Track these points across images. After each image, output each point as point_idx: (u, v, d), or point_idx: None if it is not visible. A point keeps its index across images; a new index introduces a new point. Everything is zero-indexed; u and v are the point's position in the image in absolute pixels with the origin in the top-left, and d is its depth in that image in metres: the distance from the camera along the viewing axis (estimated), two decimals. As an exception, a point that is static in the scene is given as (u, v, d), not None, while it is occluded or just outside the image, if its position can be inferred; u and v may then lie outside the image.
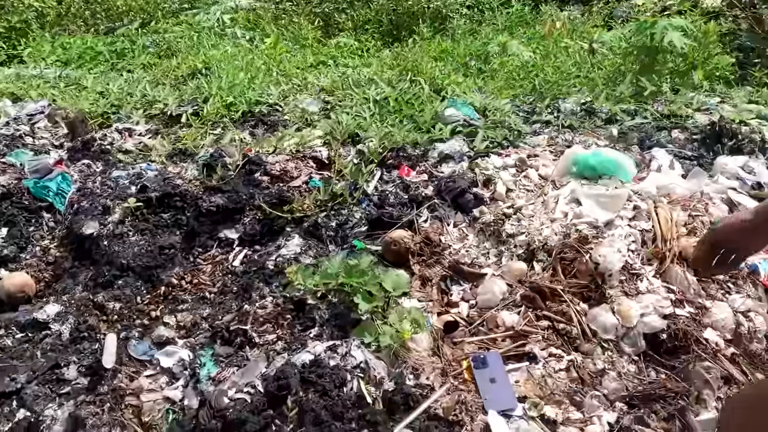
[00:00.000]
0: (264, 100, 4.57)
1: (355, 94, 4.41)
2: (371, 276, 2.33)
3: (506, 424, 1.93)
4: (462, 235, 2.69)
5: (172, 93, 4.83)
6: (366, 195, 2.95)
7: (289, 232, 2.86)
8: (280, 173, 3.25)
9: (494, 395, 2.01)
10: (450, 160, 3.07)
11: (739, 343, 2.21)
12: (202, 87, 4.75)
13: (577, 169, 2.69)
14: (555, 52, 5.23)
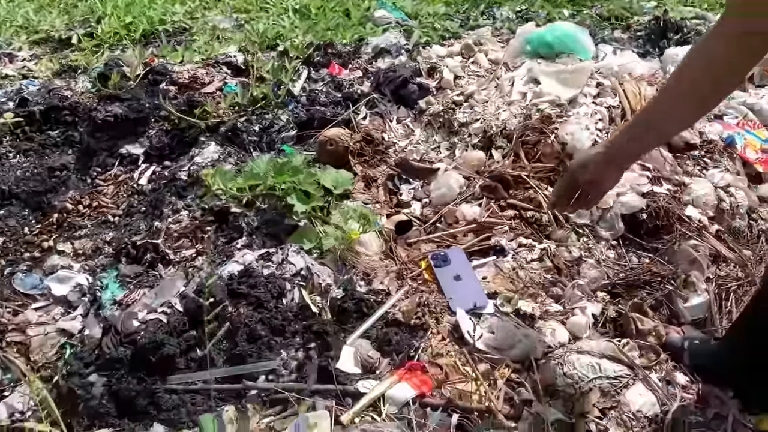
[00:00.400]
0: (167, 19, 4.04)
1: (271, 6, 3.95)
2: (306, 174, 1.96)
3: (477, 323, 1.63)
4: (408, 130, 2.35)
5: (60, 16, 4.21)
6: (292, 96, 2.55)
7: (204, 141, 2.44)
8: (189, 81, 2.79)
9: (460, 293, 1.70)
10: (386, 54, 2.71)
11: (722, 220, 1.99)
12: (95, 7, 4.16)
13: (531, 47, 2.38)
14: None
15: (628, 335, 1.66)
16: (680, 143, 2.14)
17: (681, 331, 1.72)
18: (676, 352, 1.57)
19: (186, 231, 2.02)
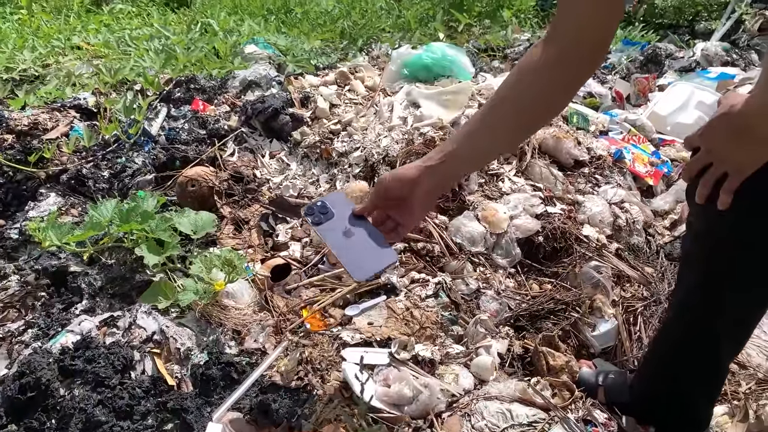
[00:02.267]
0: (15, 67, 3.62)
1: (133, 49, 3.64)
2: (160, 220, 1.67)
3: (370, 377, 1.39)
4: (282, 165, 2.11)
5: None
6: (149, 137, 2.25)
7: (44, 192, 2.08)
8: (28, 128, 2.42)
9: (357, 255, 1.12)
10: (256, 87, 2.47)
11: (619, 238, 1.89)
12: (-73, 54, 3.67)
13: (409, 71, 2.24)
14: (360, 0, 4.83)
15: (539, 373, 1.48)
16: (569, 161, 2.04)
17: (593, 365, 1.57)
18: (591, 389, 1.40)
19: (14, 300, 1.66)
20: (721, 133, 1.00)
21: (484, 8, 4.67)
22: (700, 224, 1.13)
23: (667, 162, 2.15)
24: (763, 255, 1.05)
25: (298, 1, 4.66)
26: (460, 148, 1.05)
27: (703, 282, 1.13)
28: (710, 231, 1.09)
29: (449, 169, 1.07)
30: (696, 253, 1.16)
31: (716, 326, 1.15)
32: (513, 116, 1.03)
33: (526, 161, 1.94)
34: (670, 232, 1.97)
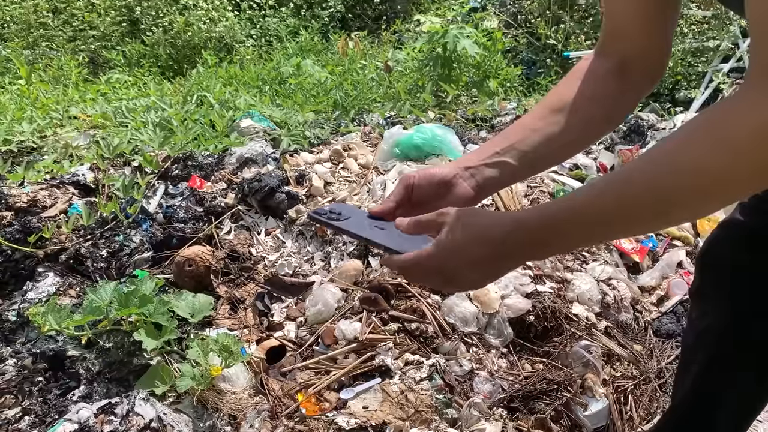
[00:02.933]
0: (13, 139, 3.68)
1: (130, 120, 3.73)
2: (158, 303, 1.70)
3: (367, 463, 1.40)
4: (278, 242, 2.16)
5: None
6: (147, 215, 2.30)
7: (42, 272, 2.11)
8: (27, 205, 2.47)
9: (392, 236, 0.90)
10: (253, 164, 2.54)
11: (608, 315, 1.93)
12: (-76, 128, 3.73)
13: (400, 150, 2.32)
14: (352, 71, 4.99)
15: (533, 456, 1.50)
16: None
17: (585, 446, 1.59)
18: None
19: (11, 385, 1.66)
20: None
21: (472, 78, 4.83)
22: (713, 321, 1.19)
23: (652, 237, 2.22)
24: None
25: (291, 73, 4.80)
26: (511, 153, 0.96)
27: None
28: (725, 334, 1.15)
29: (494, 174, 0.96)
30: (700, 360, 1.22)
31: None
32: (578, 124, 0.97)
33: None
34: (657, 309, 2.01)
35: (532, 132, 0.97)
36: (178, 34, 5.78)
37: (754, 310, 1.14)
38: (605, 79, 0.99)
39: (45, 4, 6.60)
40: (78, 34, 6.40)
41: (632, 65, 0.98)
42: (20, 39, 6.49)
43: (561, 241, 0.77)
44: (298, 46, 6.00)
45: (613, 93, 1.00)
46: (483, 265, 0.80)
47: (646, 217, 0.71)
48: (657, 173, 0.68)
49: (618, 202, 0.71)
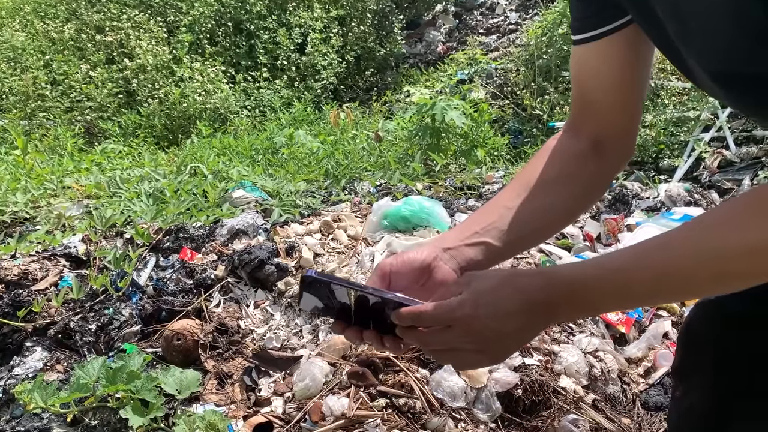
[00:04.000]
0: (7, 210, 3.72)
1: (124, 191, 3.78)
2: (145, 379, 1.69)
3: None
4: (266, 315, 2.17)
5: None
6: (137, 287, 2.32)
7: (30, 346, 2.10)
8: (18, 277, 2.48)
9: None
10: (243, 235, 2.58)
11: (596, 388, 1.93)
12: None
13: (389, 222, 2.36)
14: (343, 141, 5.11)
15: None
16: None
17: None
18: None
19: (-8, 465, 1.64)
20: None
21: (460, 148, 4.95)
22: (695, 401, 1.18)
23: (638, 308, 2.25)
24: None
25: (284, 143, 4.91)
26: (492, 233, 0.96)
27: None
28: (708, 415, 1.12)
29: (475, 255, 0.95)
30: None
31: None
32: (551, 207, 1.00)
33: (502, 312, 2.02)
34: (645, 380, 2.02)
35: (508, 210, 0.99)
36: (174, 105, 5.94)
37: (734, 390, 1.15)
38: (580, 158, 1.03)
39: (44, 77, 6.78)
40: (75, 105, 6.55)
41: (606, 143, 1.02)
42: (18, 110, 6.63)
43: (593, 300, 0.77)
44: (291, 116, 6.16)
45: (590, 173, 1.04)
46: (512, 318, 0.77)
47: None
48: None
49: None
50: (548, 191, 1.02)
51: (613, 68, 0.97)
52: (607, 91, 1.00)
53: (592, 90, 1.03)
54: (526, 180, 1.04)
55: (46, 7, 8.20)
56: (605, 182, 1.10)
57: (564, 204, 1.04)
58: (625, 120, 1.03)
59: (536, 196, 1.01)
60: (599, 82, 1.00)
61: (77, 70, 6.54)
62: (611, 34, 0.94)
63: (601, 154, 1.03)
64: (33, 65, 6.92)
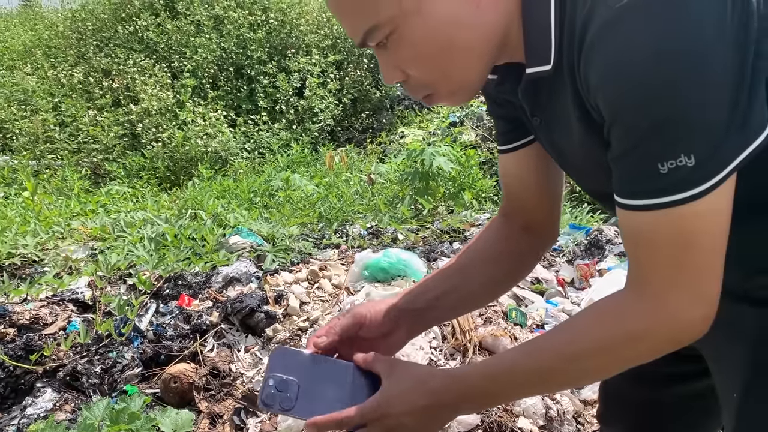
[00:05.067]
0: (17, 252, 3.95)
1: (127, 235, 4.01)
2: (145, 420, 1.90)
3: None
4: (256, 359, 2.38)
5: None
6: (139, 332, 2.53)
7: (40, 387, 2.31)
8: (30, 322, 2.70)
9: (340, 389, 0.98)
10: (237, 282, 2.80)
11: (552, 428, 2.13)
12: (-68, 243, 4.00)
13: (369, 272, 2.59)
14: (337, 184, 5.36)
15: None
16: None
17: None
18: None
19: (6, 497, 1.84)
20: None
21: (448, 190, 5.19)
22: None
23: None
24: None
25: (280, 186, 5.16)
26: (439, 299, 1.16)
27: None
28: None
29: (433, 315, 1.17)
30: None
31: None
32: (488, 279, 1.21)
33: (468, 357, 2.23)
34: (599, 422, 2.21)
35: (446, 282, 1.19)
36: (177, 148, 6.22)
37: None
38: (510, 239, 1.24)
39: (53, 119, 7.07)
40: (82, 147, 6.84)
41: (531, 229, 1.24)
42: (27, 151, 6.91)
43: (490, 398, 0.99)
44: (289, 158, 6.43)
45: (518, 252, 1.25)
46: (422, 414, 0.93)
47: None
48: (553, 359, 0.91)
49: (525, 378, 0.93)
50: (483, 266, 1.22)
51: (530, 171, 1.20)
52: (526, 189, 1.23)
53: (514, 187, 1.25)
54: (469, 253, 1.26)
55: (56, 51, 8.56)
56: (532, 261, 1.32)
57: (496, 272, 1.26)
58: (545, 211, 1.24)
59: (476, 266, 1.22)
60: (519, 181, 1.23)
61: (85, 113, 6.84)
62: (525, 146, 1.17)
63: (529, 236, 1.25)
64: (42, 107, 7.22)
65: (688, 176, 0.74)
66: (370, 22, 0.83)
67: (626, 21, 0.72)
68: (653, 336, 0.85)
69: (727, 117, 0.73)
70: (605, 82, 0.76)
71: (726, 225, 0.80)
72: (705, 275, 0.81)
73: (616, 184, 0.83)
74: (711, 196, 0.75)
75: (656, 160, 0.75)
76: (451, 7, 0.82)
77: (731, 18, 0.71)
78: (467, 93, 0.94)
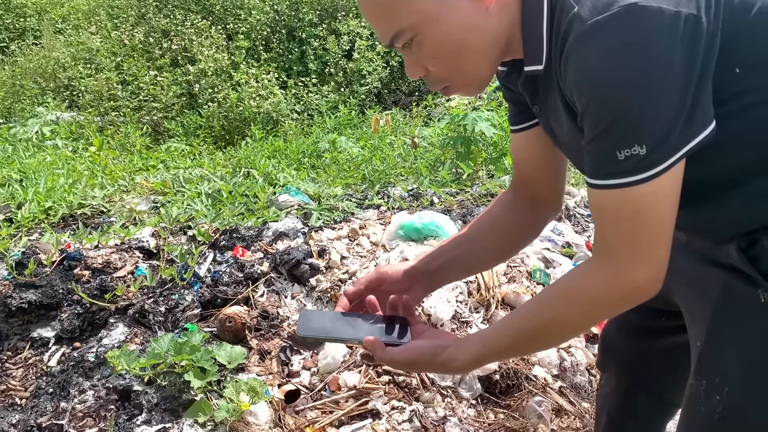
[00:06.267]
0: (87, 203, 4.33)
1: (186, 190, 4.34)
2: (203, 352, 2.20)
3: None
4: (300, 305, 2.65)
5: (-18, 203, 4.43)
6: (198, 278, 2.84)
7: (113, 323, 2.65)
8: (102, 266, 3.04)
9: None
10: (285, 237, 3.07)
11: (564, 377, 2.35)
12: (16, 193, 4.41)
13: (403, 232, 2.82)
14: (381, 147, 5.56)
15: (485, 485, 1.92)
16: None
17: (532, 479, 2.00)
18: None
19: (90, 410, 2.18)
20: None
21: (489, 155, 5.33)
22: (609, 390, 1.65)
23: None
24: None
25: (327, 148, 5.40)
26: (451, 263, 1.36)
27: None
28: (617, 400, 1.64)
29: (445, 276, 1.40)
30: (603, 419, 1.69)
31: None
32: (494, 247, 1.40)
33: (491, 311, 2.45)
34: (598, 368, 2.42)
35: (458, 248, 1.39)
36: (231, 109, 6.51)
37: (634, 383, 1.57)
38: (521, 211, 1.44)
39: (116, 77, 7.45)
40: (143, 104, 7.21)
41: (538, 201, 1.44)
42: (92, 108, 7.33)
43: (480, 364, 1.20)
44: (336, 120, 6.65)
45: (525, 221, 1.45)
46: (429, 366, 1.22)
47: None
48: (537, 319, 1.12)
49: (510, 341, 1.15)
50: (492, 236, 1.42)
51: (537, 149, 1.38)
52: (533, 165, 1.41)
53: (524, 163, 1.43)
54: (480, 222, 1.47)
55: (118, 11, 8.92)
56: (536, 231, 1.51)
57: (502, 241, 1.46)
58: (549, 184, 1.42)
59: (485, 235, 1.44)
60: (527, 158, 1.42)
61: (145, 72, 7.18)
62: (532, 128, 1.35)
63: (534, 209, 1.44)
64: (106, 66, 7.61)
65: (640, 163, 0.93)
66: (396, 28, 1.04)
67: (595, 36, 0.91)
68: (614, 296, 1.05)
69: (673, 115, 0.91)
70: (576, 84, 0.96)
71: (674, 203, 0.99)
72: (655, 244, 1.00)
73: (586, 166, 1.03)
74: (660, 179, 0.94)
75: (615, 149, 0.94)
76: (464, 15, 1.02)
77: (682, 35, 0.88)
78: (479, 85, 1.14)
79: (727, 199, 1.08)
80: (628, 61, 0.90)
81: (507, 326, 1.17)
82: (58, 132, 6.83)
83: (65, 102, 7.58)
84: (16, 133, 6.76)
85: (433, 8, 1.00)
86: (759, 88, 0.97)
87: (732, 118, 0.97)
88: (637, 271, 1.01)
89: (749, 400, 1.10)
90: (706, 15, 0.90)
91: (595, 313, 1.10)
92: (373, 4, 1.04)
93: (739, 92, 0.97)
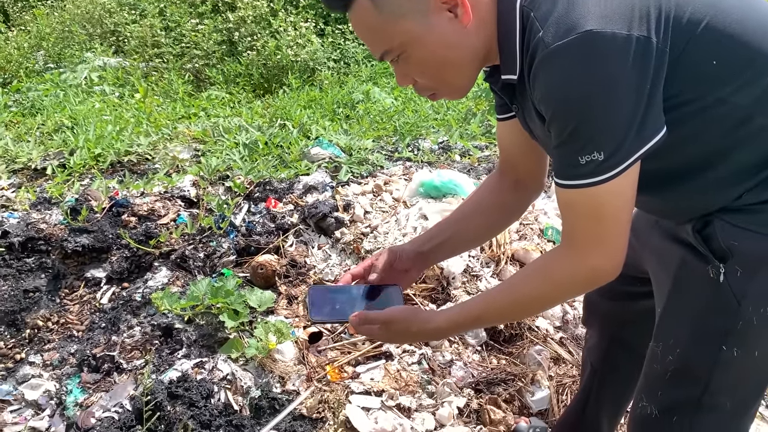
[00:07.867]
0: (133, 150, 4.59)
1: (225, 140, 4.56)
2: (237, 296, 2.46)
3: (365, 415, 2.10)
4: (326, 255, 2.88)
5: (37, 147, 4.74)
6: (234, 227, 3.08)
7: (157, 266, 2.92)
8: (147, 213, 3.31)
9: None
10: (314, 190, 3.28)
11: (566, 329, 2.53)
12: (68, 140, 4.70)
13: (423, 190, 2.98)
14: (414, 98, 5.66)
15: (484, 424, 2.15)
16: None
17: (528, 421, 2.22)
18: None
19: (137, 344, 2.47)
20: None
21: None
22: (592, 344, 1.85)
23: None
24: None
25: (360, 99, 5.53)
26: (444, 245, 1.54)
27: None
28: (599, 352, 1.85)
29: (436, 257, 1.62)
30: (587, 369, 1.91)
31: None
32: (480, 228, 1.57)
33: (501, 266, 2.63)
34: (589, 325, 2.59)
35: (447, 230, 1.58)
36: (270, 57, 6.65)
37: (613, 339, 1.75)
38: (505, 193, 1.58)
39: (159, 23, 7.64)
40: (185, 51, 7.40)
41: (522, 183, 1.59)
42: (137, 54, 7.56)
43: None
44: (372, 69, 6.73)
45: (510, 201, 1.59)
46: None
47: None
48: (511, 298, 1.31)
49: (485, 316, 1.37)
50: (482, 214, 1.59)
51: (522, 136, 1.49)
52: (517, 150, 1.54)
53: (509, 149, 1.57)
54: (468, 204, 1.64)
55: (160, -44, 9.02)
56: (520, 211, 1.67)
57: (487, 222, 1.63)
58: (532, 167, 1.56)
59: (472, 216, 1.60)
60: (511, 144, 1.55)
61: (187, 19, 7.34)
62: (514, 117, 1.50)
63: (518, 190, 1.58)
64: (150, 12, 7.79)
65: (599, 167, 1.08)
66: (384, 47, 1.19)
67: (556, 59, 1.05)
68: (576, 280, 1.22)
69: (627, 125, 1.05)
70: (543, 98, 1.11)
71: (630, 200, 1.14)
72: (612, 234, 1.16)
73: (553, 166, 1.18)
74: (616, 180, 1.09)
75: (577, 154, 1.09)
76: (445, 34, 1.16)
77: (633, 55, 1.02)
78: (462, 92, 1.30)
79: (687, 187, 1.22)
80: (585, 81, 1.04)
81: (484, 297, 1.37)
82: (106, 78, 7.09)
83: (112, 48, 7.83)
84: (66, 79, 7.06)
85: (417, 30, 1.14)
86: (708, 93, 1.10)
87: (688, 120, 1.12)
88: (596, 259, 1.18)
89: (694, 361, 1.28)
90: (656, 35, 1.03)
91: (560, 294, 1.29)
92: (363, 26, 1.19)
93: (692, 98, 1.11)
